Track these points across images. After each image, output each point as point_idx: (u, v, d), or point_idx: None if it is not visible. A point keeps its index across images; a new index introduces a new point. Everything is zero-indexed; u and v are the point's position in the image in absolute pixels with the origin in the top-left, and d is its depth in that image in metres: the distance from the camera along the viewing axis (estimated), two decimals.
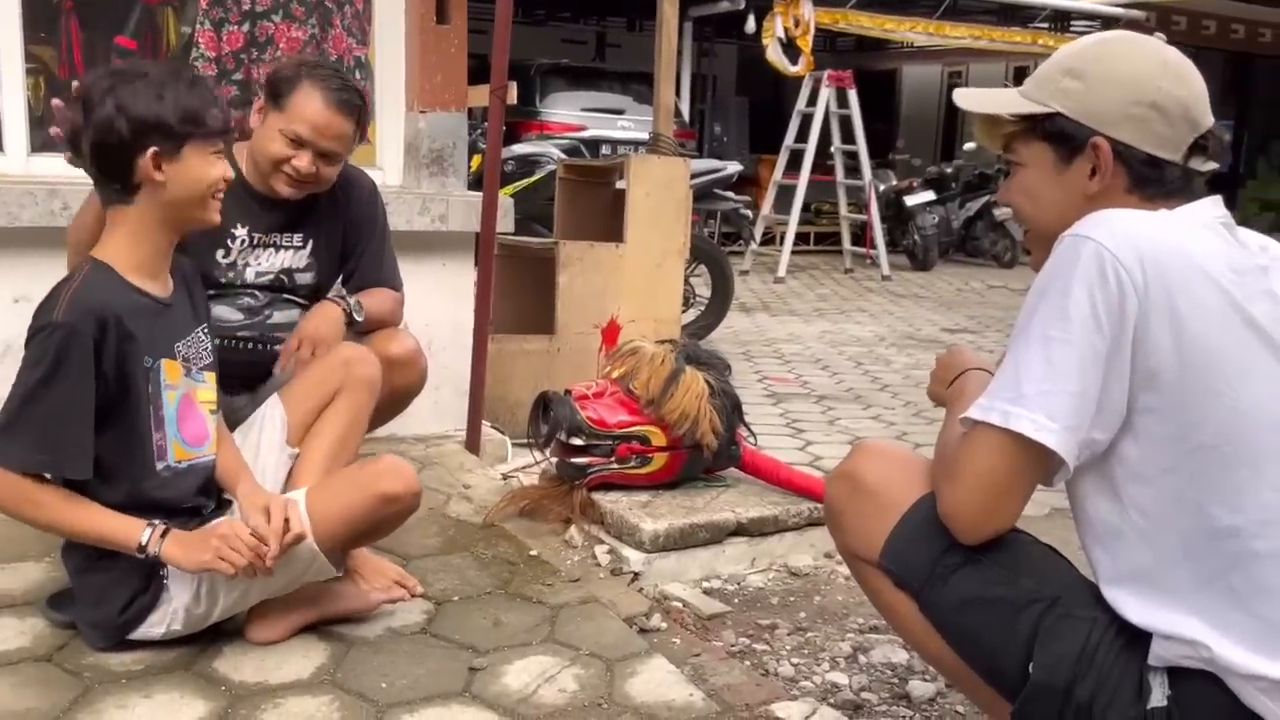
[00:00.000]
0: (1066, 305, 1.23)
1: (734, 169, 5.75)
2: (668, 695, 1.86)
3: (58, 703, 1.72)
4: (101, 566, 1.83)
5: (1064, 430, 1.22)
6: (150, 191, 1.78)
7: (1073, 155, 1.37)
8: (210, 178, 1.82)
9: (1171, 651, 1.22)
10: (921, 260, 11.02)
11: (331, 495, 1.89)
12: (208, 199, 1.84)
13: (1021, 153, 1.43)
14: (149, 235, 1.83)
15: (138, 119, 1.73)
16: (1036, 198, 1.42)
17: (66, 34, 2.95)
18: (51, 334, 1.72)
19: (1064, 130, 1.37)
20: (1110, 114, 1.34)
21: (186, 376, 1.91)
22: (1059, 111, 1.37)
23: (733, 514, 2.50)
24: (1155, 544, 1.24)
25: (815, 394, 4.88)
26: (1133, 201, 1.35)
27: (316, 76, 2.28)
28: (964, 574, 1.32)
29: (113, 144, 1.74)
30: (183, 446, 1.89)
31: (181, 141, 1.77)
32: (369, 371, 2.23)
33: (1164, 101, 1.33)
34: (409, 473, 1.93)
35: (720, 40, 14.48)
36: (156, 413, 1.84)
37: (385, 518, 1.94)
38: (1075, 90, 1.36)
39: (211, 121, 1.80)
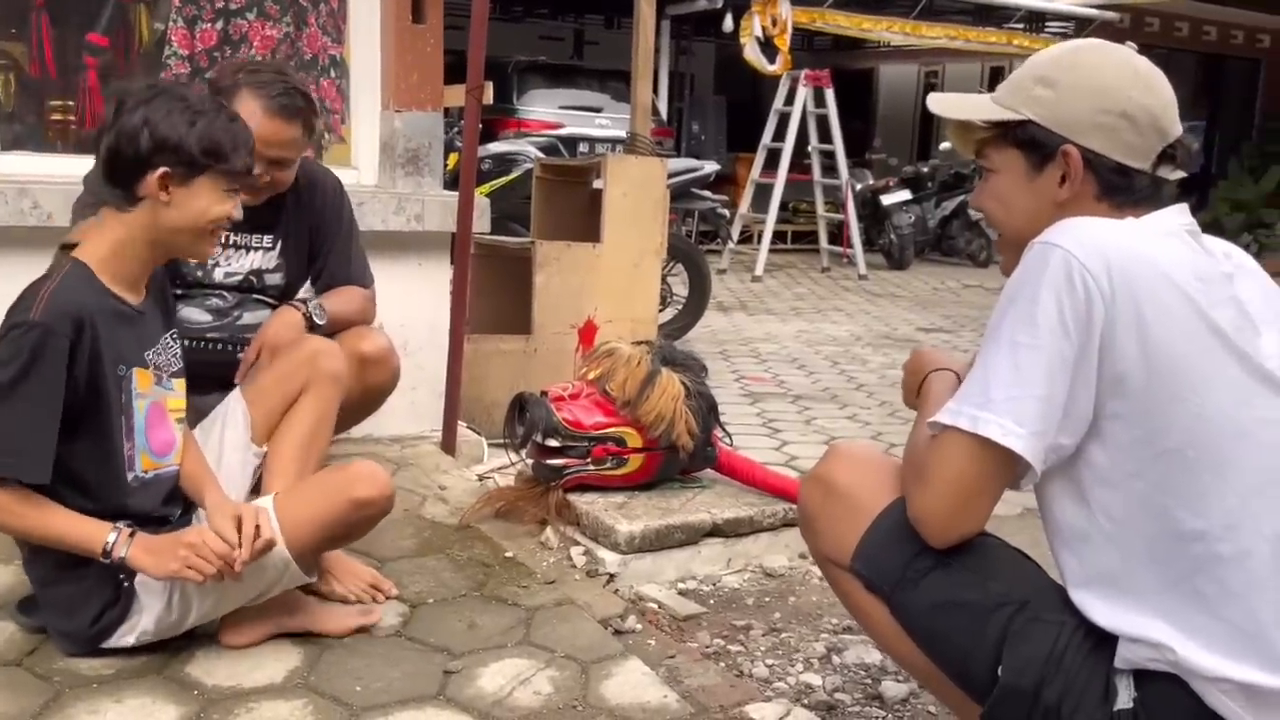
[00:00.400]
0: (1035, 312, 1.25)
1: (711, 168, 5.76)
2: (643, 697, 1.86)
3: (27, 708, 1.71)
4: (70, 578, 1.80)
5: (1031, 435, 1.23)
6: (149, 208, 1.77)
7: (1043, 162, 1.39)
8: (213, 214, 1.80)
9: (1137, 654, 1.24)
10: (897, 259, 11.07)
11: (303, 501, 1.87)
12: (205, 233, 1.82)
13: (994, 158, 1.44)
14: (135, 248, 1.81)
15: (161, 138, 1.72)
16: (1008, 203, 1.43)
17: (38, 31, 2.92)
18: (26, 333, 1.68)
19: (1035, 138, 1.38)
20: (1080, 122, 1.36)
21: (157, 385, 1.88)
22: (1030, 119, 1.39)
23: (709, 515, 2.51)
24: (1122, 547, 1.26)
25: (791, 393, 4.90)
26: (1102, 209, 1.36)
27: (255, 84, 2.23)
28: (934, 578, 1.33)
29: (129, 154, 1.73)
30: (150, 456, 1.87)
31: (198, 171, 1.76)
32: (335, 365, 2.21)
33: (1133, 111, 1.34)
34: (383, 477, 1.92)
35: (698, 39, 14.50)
36: (127, 422, 1.82)
37: (358, 522, 1.93)
38: (1047, 98, 1.38)
39: (235, 161, 1.79)
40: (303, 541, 1.85)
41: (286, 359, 2.21)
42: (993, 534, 1.38)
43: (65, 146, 2.98)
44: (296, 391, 2.16)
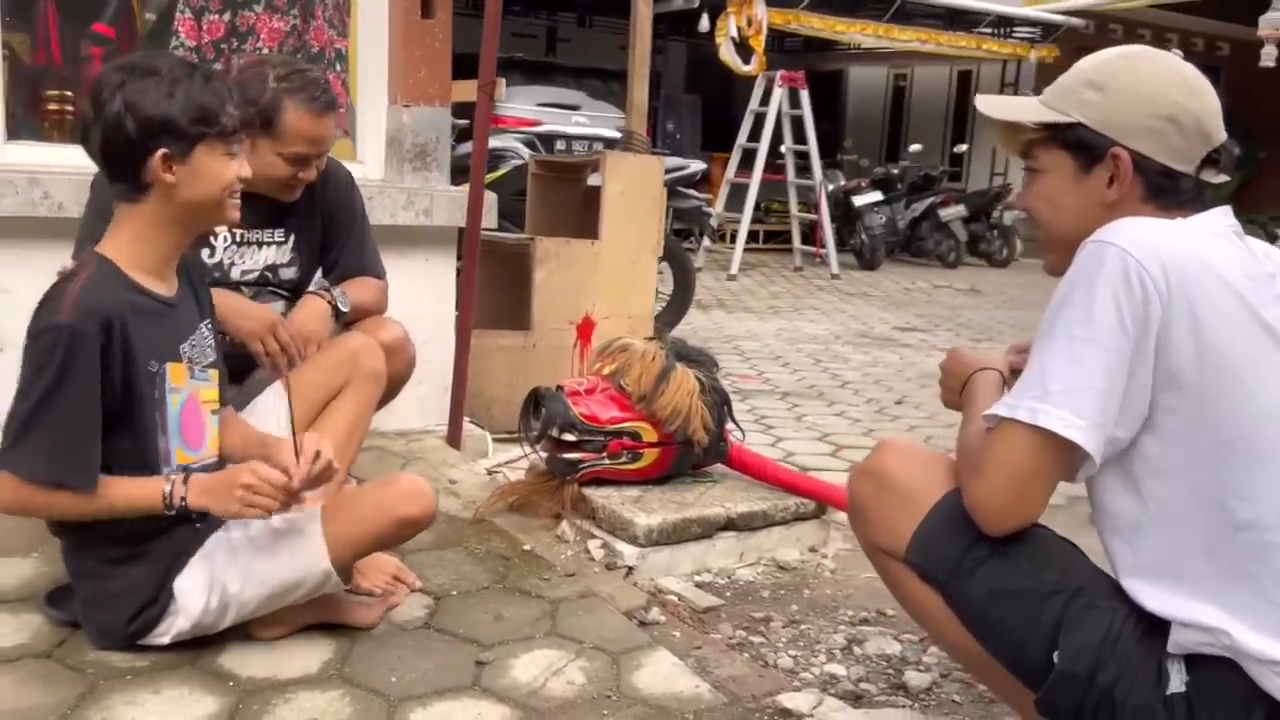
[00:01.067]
0: (1092, 308, 1.29)
1: (698, 167, 5.80)
2: (675, 687, 1.89)
3: (64, 699, 1.70)
4: (113, 574, 1.79)
5: (1091, 427, 1.27)
6: (161, 192, 1.72)
7: (1092, 164, 1.43)
8: (225, 179, 1.76)
9: (1190, 639, 1.29)
10: (868, 259, 11.20)
11: (350, 518, 1.86)
12: (223, 200, 1.78)
13: (1042, 159, 1.48)
14: (158, 236, 1.77)
15: (146, 118, 1.66)
16: (1055, 204, 1.47)
17: (44, 20, 2.88)
18: (58, 337, 1.64)
19: (1084, 140, 1.43)
20: (1129, 125, 1.40)
21: (191, 378, 1.85)
22: (1080, 121, 1.43)
23: (723, 509, 2.54)
24: (1174, 536, 1.31)
25: (779, 391, 4.95)
26: (1148, 210, 1.41)
27: (293, 89, 2.25)
28: (990, 566, 1.37)
29: (120, 143, 1.68)
30: (185, 451, 1.84)
31: (193, 142, 1.71)
32: (376, 364, 2.23)
33: (1180, 115, 1.39)
34: (429, 497, 1.92)
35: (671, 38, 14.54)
36: (161, 418, 1.79)
37: (400, 537, 1.96)
38: (1096, 101, 1.42)
39: (226, 120, 1.74)
40: (346, 555, 1.86)
41: (328, 355, 2.21)
42: (1043, 524, 1.42)
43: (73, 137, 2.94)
44: (338, 387, 2.18)
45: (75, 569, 1.85)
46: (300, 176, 2.28)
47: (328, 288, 2.46)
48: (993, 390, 1.43)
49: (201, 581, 1.81)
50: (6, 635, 1.88)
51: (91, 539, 1.80)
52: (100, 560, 1.80)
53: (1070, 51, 13.22)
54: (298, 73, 2.31)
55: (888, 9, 11.82)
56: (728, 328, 6.93)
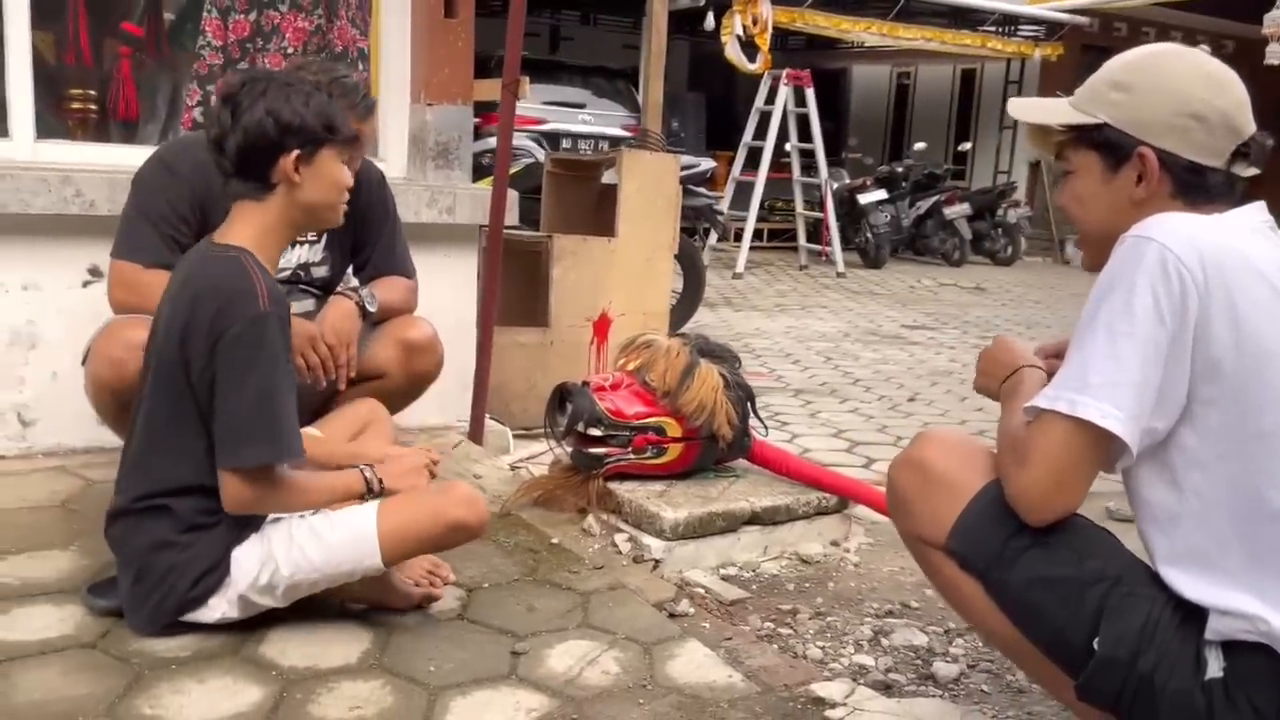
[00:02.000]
0: (1131, 301, 1.32)
1: (708, 165, 5.83)
2: (708, 677, 1.92)
3: (112, 688, 1.73)
4: (181, 543, 1.84)
5: (1128, 419, 1.30)
6: (285, 191, 1.86)
7: (1120, 163, 1.46)
8: (344, 181, 1.91)
9: (1228, 626, 1.32)
10: (873, 258, 11.22)
11: (406, 519, 1.90)
12: (338, 202, 1.93)
13: (1072, 160, 1.52)
14: (276, 232, 1.89)
15: (286, 123, 1.81)
16: (1086, 203, 1.51)
17: (74, 19, 2.91)
18: (266, 324, 1.77)
19: (1111, 140, 1.46)
20: (1154, 124, 1.43)
21: None
22: (1106, 122, 1.46)
23: (747, 503, 2.57)
24: (1211, 526, 1.34)
25: (791, 388, 4.98)
26: (1177, 206, 1.44)
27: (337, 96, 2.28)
28: (1032, 555, 1.40)
29: (261, 145, 1.81)
30: None
31: (319, 146, 1.85)
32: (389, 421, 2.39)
33: (1205, 112, 1.42)
34: (482, 504, 1.97)
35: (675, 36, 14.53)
36: None
37: (452, 542, 2.00)
38: (1122, 102, 1.45)
39: (345, 130, 1.90)
40: (396, 554, 1.91)
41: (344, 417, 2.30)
42: (1082, 515, 1.45)
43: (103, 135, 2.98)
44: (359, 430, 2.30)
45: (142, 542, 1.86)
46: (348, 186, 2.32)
47: (356, 288, 2.48)
48: (1037, 387, 1.46)
49: (256, 555, 1.86)
50: (51, 627, 1.91)
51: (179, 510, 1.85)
52: (177, 529, 1.84)
53: (1075, 49, 13.26)
54: (338, 80, 2.35)
55: (892, 7, 11.84)
56: (736, 325, 6.96)
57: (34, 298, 2.68)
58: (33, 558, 2.18)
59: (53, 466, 2.67)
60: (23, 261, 2.65)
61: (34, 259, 2.65)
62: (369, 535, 1.86)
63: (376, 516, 1.88)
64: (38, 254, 2.65)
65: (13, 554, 2.19)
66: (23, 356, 2.68)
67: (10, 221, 2.60)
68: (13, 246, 2.63)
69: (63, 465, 2.69)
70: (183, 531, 1.85)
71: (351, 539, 1.86)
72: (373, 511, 1.89)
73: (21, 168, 2.67)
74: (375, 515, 1.88)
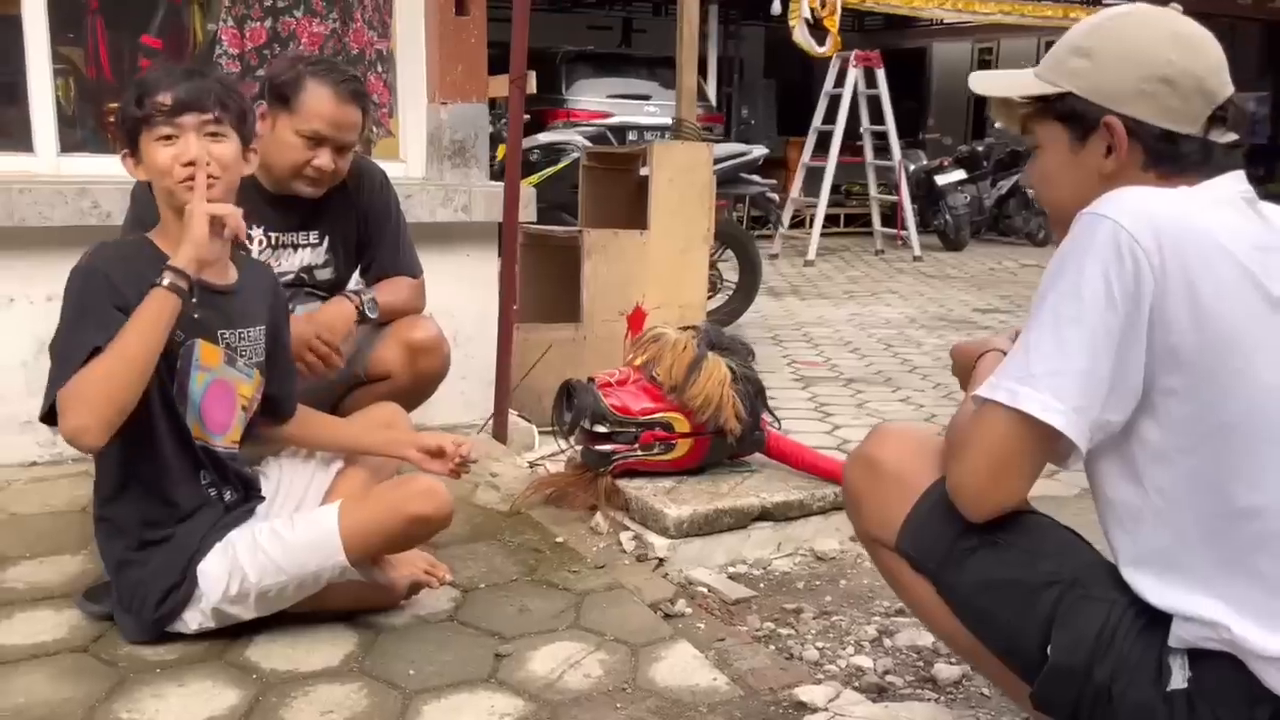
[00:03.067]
0: (1080, 284, 1.23)
1: (759, 153, 5.71)
2: (692, 680, 1.87)
3: (94, 692, 1.76)
4: (137, 560, 1.87)
5: (1072, 411, 1.21)
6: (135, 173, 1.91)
7: (1086, 134, 1.36)
8: (161, 164, 1.82)
9: (1191, 633, 1.22)
10: (953, 240, 10.92)
11: (366, 515, 1.90)
12: (171, 186, 1.83)
13: (1038, 134, 1.42)
14: (166, 221, 1.90)
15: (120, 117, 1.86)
16: (1053, 179, 1.41)
17: (93, 34, 2.99)
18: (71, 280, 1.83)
19: (1075, 110, 1.36)
20: (1120, 91, 1.33)
21: (227, 365, 1.93)
22: (1070, 91, 1.36)
23: (757, 499, 2.50)
24: (1175, 525, 1.24)
25: (844, 377, 4.86)
26: (1150, 179, 1.33)
27: (318, 72, 2.30)
28: (981, 556, 1.32)
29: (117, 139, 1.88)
30: (200, 426, 1.91)
31: (133, 138, 1.85)
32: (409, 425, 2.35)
33: (1174, 75, 1.31)
34: (441, 495, 1.94)
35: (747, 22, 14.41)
36: (182, 385, 1.87)
37: (415, 536, 1.98)
38: (1084, 69, 1.35)
39: (144, 103, 1.80)
40: (360, 550, 1.89)
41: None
42: (1042, 512, 1.36)
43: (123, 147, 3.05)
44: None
45: (109, 558, 1.93)
46: (316, 164, 2.30)
47: (359, 292, 2.49)
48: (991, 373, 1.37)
49: (222, 566, 1.87)
50: (47, 631, 1.96)
51: (122, 523, 1.88)
52: (130, 546, 1.87)
53: None
54: (326, 61, 2.38)
55: None
56: (799, 314, 6.84)
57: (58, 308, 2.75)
58: (43, 563, 2.24)
59: (79, 472, 2.74)
60: (46, 273, 2.72)
61: (57, 270, 2.69)
62: (330, 532, 1.85)
63: (338, 514, 1.87)
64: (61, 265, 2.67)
65: (26, 558, 2.26)
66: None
67: (32, 234, 2.68)
68: (36, 258, 2.72)
69: (88, 471, 2.73)
70: (136, 549, 1.87)
71: (313, 539, 1.86)
72: (334, 511, 1.89)
73: (42, 181, 2.75)
74: (337, 514, 1.87)
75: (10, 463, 2.77)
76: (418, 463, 2.15)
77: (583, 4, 14.13)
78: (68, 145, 2.94)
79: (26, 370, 2.76)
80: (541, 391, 3.57)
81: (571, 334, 3.71)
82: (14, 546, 2.31)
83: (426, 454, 2.15)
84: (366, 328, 2.51)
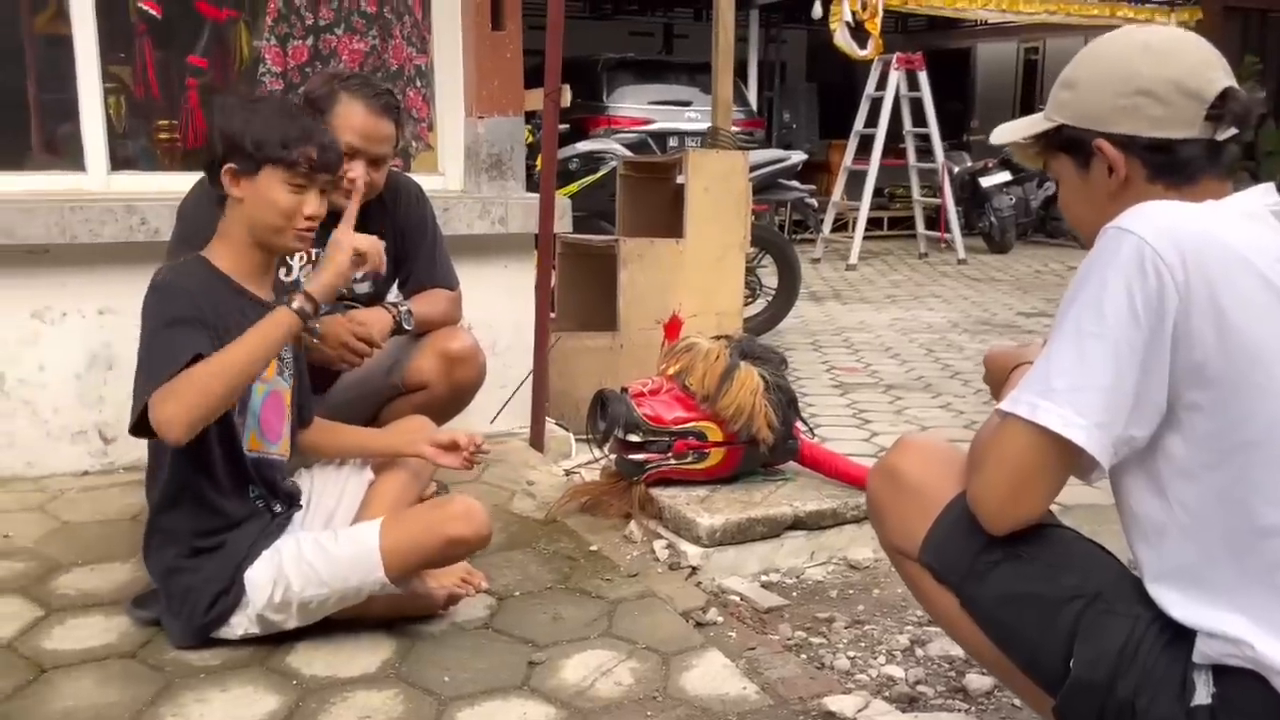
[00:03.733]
0: (1103, 299, 1.23)
1: (798, 158, 5.72)
2: (722, 688, 1.88)
3: (140, 696, 1.82)
4: (189, 567, 1.93)
5: (1093, 427, 1.21)
6: (234, 204, 1.93)
7: (1087, 160, 1.40)
8: (285, 205, 1.91)
9: (1216, 649, 1.21)
10: (998, 242, 10.80)
11: (406, 534, 1.94)
12: (281, 225, 1.93)
13: (1053, 167, 1.47)
14: (235, 242, 1.96)
15: (227, 135, 1.89)
16: (1072, 206, 1.46)
17: (141, 55, 3.08)
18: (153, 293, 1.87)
19: (1071, 139, 1.41)
20: (1101, 112, 1.37)
21: (279, 376, 2.02)
22: (1062, 123, 1.41)
23: (790, 508, 2.51)
24: (1199, 541, 1.23)
25: (883, 383, 4.84)
26: (1157, 190, 1.34)
27: (351, 86, 2.36)
28: (1004, 569, 1.33)
29: (210, 155, 1.91)
30: (257, 436, 1.99)
31: (258, 164, 1.89)
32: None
33: (1151, 85, 1.33)
34: (480, 517, 1.98)
35: (788, 26, 14.37)
36: (242, 401, 1.94)
37: (452, 556, 2.03)
38: (1069, 99, 1.41)
39: (291, 152, 1.89)
40: (400, 568, 1.94)
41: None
42: (1067, 526, 1.36)
43: (171, 164, 3.14)
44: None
45: (158, 567, 1.99)
46: (350, 176, 2.35)
47: (396, 304, 2.54)
48: None
49: (268, 574, 1.92)
50: (96, 636, 2.02)
51: (175, 532, 1.95)
52: (181, 553, 1.94)
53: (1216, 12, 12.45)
54: (360, 77, 2.43)
55: None
56: (840, 319, 6.81)
57: (109, 321, 2.84)
58: (94, 570, 2.31)
59: (131, 481, 2.82)
60: (98, 287, 2.81)
61: (108, 285, 2.81)
62: (372, 549, 1.90)
63: (379, 533, 1.92)
64: (111, 280, 2.81)
65: (78, 566, 2.33)
66: (102, 377, 2.85)
67: (84, 251, 2.77)
68: (88, 273, 2.80)
69: (139, 480, 2.82)
70: (188, 556, 1.93)
71: (355, 554, 1.91)
72: (376, 529, 1.93)
73: (93, 199, 2.84)
74: (378, 532, 1.92)
75: (63, 472, 2.86)
76: (431, 457, 2.21)
77: (624, 10, 14.18)
78: (117, 163, 3.03)
79: (79, 382, 2.85)
80: (578, 400, 3.60)
81: (609, 342, 3.74)
82: (66, 554, 2.38)
83: (440, 449, 2.20)
84: (404, 339, 2.55)
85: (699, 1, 13.87)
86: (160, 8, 3.11)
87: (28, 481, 2.84)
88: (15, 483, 2.83)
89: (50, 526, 2.55)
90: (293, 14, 3.10)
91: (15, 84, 3.08)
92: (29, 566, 2.31)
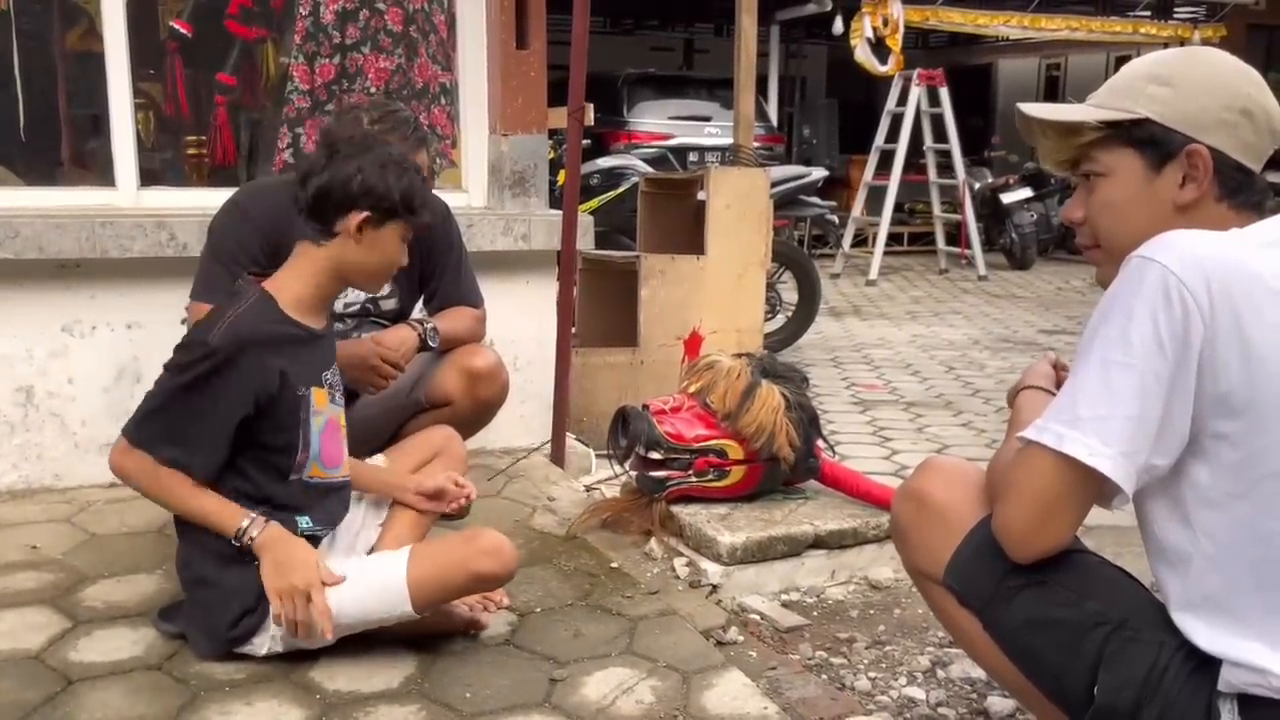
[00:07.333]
0: (1129, 329, 1.23)
1: (819, 174, 5.72)
2: (743, 708, 1.88)
3: (167, 709, 1.83)
4: (217, 581, 1.95)
5: (1119, 456, 1.21)
6: (341, 244, 1.96)
7: (1163, 162, 1.34)
8: (397, 258, 2.02)
9: (1240, 678, 1.21)
10: (1020, 259, 10.77)
11: (433, 568, 1.95)
12: (384, 274, 2.05)
13: (1103, 162, 1.38)
14: (321, 278, 1.99)
15: (370, 185, 1.93)
16: (1122, 210, 1.37)
17: (171, 72, 3.12)
18: (205, 355, 1.87)
19: (1155, 137, 1.34)
20: (1204, 119, 1.32)
21: (331, 403, 2.05)
22: (1148, 117, 1.34)
23: (811, 526, 2.52)
24: (1225, 570, 1.23)
25: (904, 400, 4.84)
26: (1222, 210, 1.33)
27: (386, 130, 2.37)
28: (1028, 594, 1.33)
29: (340, 195, 1.93)
30: (319, 467, 2.03)
31: (390, 218, 1.96)
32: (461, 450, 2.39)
33: (1254, 108, 1.32)
34: (508, 554, 1.99)
35: (809, 41, 14.40)
36: (305, 436, 1.98)
37: (478, 590, 2.05)
38: (1165, 96, 1.34)
39: (421, 215, 2.00)
40: (426, 601, 1.95)
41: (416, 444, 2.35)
42: (1091, 550, 1.36)
43: (199, 180, 3.18)
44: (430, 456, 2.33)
45: (187, 578, 2.01)
46: None
47: (421, 321, 2.57)
48: (1033, 412, 1.38)
49: None
50: (123, 648, 2.04)
51: (204, 542, 1.96)
52: (208, 567, 1.96)
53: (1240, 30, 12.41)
54: (389, 114, 2.44)
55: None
56: (860, 335, 6.81)
57: (138, 335, 2.87)
58: (120, 581, 2.33)
59: None
60: (127, 302, 2.85)
61: (137, 299, 2.85)
62: (399, 582, 1.91)
63: (406, 565, 1.93)
64: (140, 294, 2.85)
65: (105, 578, 2.35)
66: (130, 390, 2.88)
67: (114, 265, 2.80)
68: (117, 288, 2.84)
69: None
70: (215, 566, 1.94)
71: (382, 587, 1.92)
72: (404, 561, 1.94)
73: (123, 214, 2.87)
74: (405, 565, 1.93)
75: (91, 484, 2.89)
76: (415, 505, 2.20)
77: (645, 26, 14.25)
78: (147, 178, 3.07)
79: (108, 395, 2.88)
80: (599, 416, 3.62)
81: (629, 358, 3.75)
82: (93, 565, 2.41)
83: (424, 496, 2.20)
84: (427, 355, 2.58)
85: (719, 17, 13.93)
86: (191, 26, 3.16)
87: (56, 493, 2.87)
88: (43, 494, 2.86)
89: (78, 538, 2.58)
90: (320, 33, 3.13)
91: (47, 100, 3.13)
92: (57, 578, 2.34)
